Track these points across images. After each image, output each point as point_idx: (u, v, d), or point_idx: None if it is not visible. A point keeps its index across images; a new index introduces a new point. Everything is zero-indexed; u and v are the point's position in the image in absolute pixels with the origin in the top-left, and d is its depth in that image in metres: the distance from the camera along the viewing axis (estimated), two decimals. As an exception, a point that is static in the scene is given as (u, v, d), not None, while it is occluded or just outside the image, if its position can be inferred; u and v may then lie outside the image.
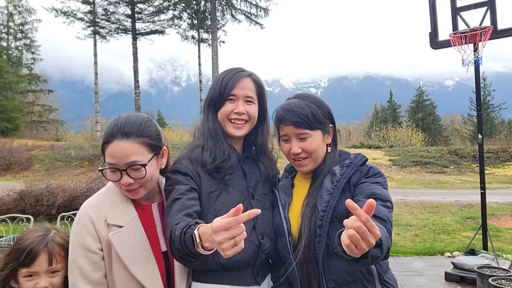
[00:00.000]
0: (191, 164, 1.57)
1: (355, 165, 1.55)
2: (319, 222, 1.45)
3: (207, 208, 1.52)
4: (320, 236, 1.44)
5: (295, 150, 1.58)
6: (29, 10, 40.79)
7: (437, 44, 5.73)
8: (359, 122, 72.65)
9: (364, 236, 1.00)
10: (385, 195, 1.44)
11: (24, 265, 1.48)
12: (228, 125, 1.63)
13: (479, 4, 5.29)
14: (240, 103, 1.63)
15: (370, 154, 22.17)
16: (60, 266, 1.53)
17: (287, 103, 1.62)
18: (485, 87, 45.34)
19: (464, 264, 4.87)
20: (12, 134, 29.37)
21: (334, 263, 1.45)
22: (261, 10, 28.70)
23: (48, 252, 1.50)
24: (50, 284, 1.50)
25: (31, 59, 41.57)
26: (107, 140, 1.46)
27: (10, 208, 8.59)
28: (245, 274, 1.55)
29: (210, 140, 1.62)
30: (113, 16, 29.48)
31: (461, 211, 9.99)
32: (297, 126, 1.56)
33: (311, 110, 1.57)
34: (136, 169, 1.45)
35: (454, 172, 20.81)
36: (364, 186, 1.47)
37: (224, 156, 1.59)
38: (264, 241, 1.57)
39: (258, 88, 1.69)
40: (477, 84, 5.51)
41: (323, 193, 1.50)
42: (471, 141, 40.20)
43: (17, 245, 1.51)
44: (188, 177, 1.54)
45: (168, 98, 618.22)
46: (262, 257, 1.56)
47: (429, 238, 7.33)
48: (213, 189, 1.55)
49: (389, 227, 1.34)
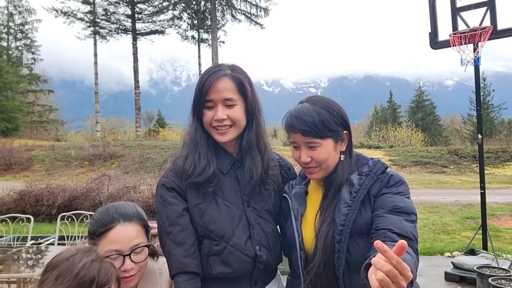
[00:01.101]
0: (176, 177, 1.51)
1: (374, 174, 1.43)
2: (338, 237, 1.35)
3: (196, 221, 1.47)
4: (339, 251, 1.34)
5: (305, 159, 1.47)
6: (29, 10, 40.78)
7: (437, 44, 5.73)
8: (359, 122, 72.43)
9: (395, 280, 0.91)
10: (409, 207, 1.34)
11: None
12: (213, 132, 1.52)
13: (479, 4, 5.29)
14: (219, 109, 1.48)
15: (370, 154, 21.98)
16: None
17: (296, 109, 1.49)
18: (485, 87, 45.29)
19: (464, 264, 4.87)
20: (12, 134, 29.35)
21: (355, 279, 1.33)
22: (261, 10, 28.71)
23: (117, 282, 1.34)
24: None
25: (31, 59, 41.56)
26: (108, 227, 1.46)
27: (10, 208, 8.60)
28: (241, 283, 1.49)
29: (192, 149, 1.53)
30: (113, 16, 29.52)
31: (461, 211, 10.00)
32: (305, 135, 1.44)
33: (320, 118, 1.44)
34: (139, 252, 1.47)
35: (454, 172, 20.80)
36: (385, 198, 1.36)
37: (202, 166, 1.48)
38: (261, 253, 1.48)
39: (239, 86, 1.51)
40: (477, 84, 5.51)
41: (340, 205, 1.39)
42: (471, 141, 40.16)
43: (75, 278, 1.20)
44: (175, 193, 1.49)
45: (168, 98, 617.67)
46: (259, 268, 1.49)
47: (429, 238, 7.34)
48: (200, 201, 1.48)
49: (415, 245, 1.25)
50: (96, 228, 1.48)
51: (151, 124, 49.05)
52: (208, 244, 1.46)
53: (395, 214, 1.30)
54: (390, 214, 1.30)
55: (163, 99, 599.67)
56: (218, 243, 1.46)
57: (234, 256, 1.45)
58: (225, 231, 1.45)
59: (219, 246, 1.45)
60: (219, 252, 1.45)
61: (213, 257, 1.46)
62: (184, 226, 1.45)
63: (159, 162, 17.86)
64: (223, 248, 1.45)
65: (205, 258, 1.46)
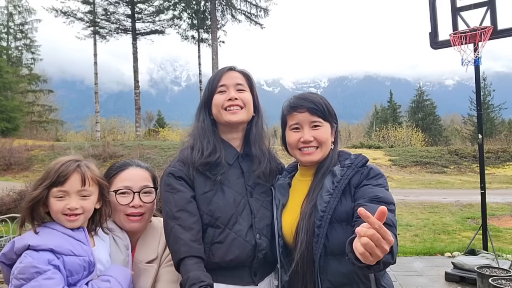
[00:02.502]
0: (183, 166, 1.57)
1: (355, 166, 1.53)
2: (318, 222, 1.44)
3: (202, 209, 1.52)
4: (318, 236, 1.43)
5: (308, 137, 1.56)
6: (29, 10, 40.76)
7: (437, 44, 5.72)
8: (359, 122, 72.58)
9: (378, 244, 1.00)
10: (388, 197, 1.43)
11: (57, 184, 1.43)
12: (224, 114, 1.62)
13: (479, 4, 5.29)
14: (232, 90, 1.63)
15: (370, 154, 22.15)
16: (92, 190, 1.50)
17: (301, 94, 1.64)
18: (485, 87, 45.29)
19: (464, 264, 4.87)
20: (12, 134, 29.33)
21: (331, 264, 1.44)
22: (261, 10, 28.70)
23: (81, 173, 1.47)
24: (80, 207, 1.45)
25: (31, 59, 41.54)
26: (122, 168, 1.69)
27: (10, 208, 8.58)
28: (241, 273, 1.54)
29: (199, 138, 1.62)
30: (113, 16, 29.51)
31: (461, 211, 9.99)
32: (313, 113, 1.56)
33: (324, 102, 1.60)
34: (148, 192, 1.67)
35: (454, 172, 20.80)
36: (366, 189, 1.46)
37: (209, 150, 1.57)
38: (261, 241, 1.54)
39: (247, 79, 1.70)
40: (477, 84, 5.50)
41: (323, 193, 1.48)
42: (471, 141, 40.17)
43: (50, 168, 1.48)
44: (182, 181, 1.54)
45: (168, 98, 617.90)
46: (259, 257, 1.54)
47: (429, 238, 7.33)
48: (207, 189, 1.55)
49: (395, 231, 1.33)
50: (112, 171, 1.71)
51: (151, 124, 49.06)
52: (212, 232, 1.52)
53: (376, 203, 1.37)
54: (371, 203, 1.38)
55: (163, 99, 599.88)
56: (222, 231, 1.51)
57: (237, 243, 1.50)
58: (230, 218, 1.52)
59: (223, 234, 1.51)
60: (223, 239, 1.51)
61: (216, 245, 1.51)
62: (193, 212, 1.50)
63: (159, 162, 17.85)
64: (226, 235, 1.51)
65: (208, 247, 1.51)
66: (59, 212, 1.43)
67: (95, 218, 1.55)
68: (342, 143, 39.42)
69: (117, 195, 1.62)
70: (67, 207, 1.43)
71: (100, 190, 1.54)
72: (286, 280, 1.53)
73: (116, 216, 1.63)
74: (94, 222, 1.55)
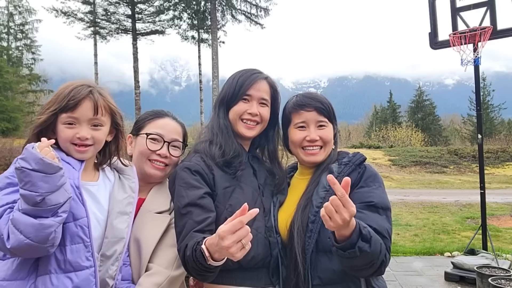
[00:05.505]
0: (202, 161, 1.54)
1: (353, 163, 1.54)
2: (312, 217, 1.44)
3: (223, 203, 1.50)
4: (311, 231, 1.43)
5: (314, 136, 1.57)
6: (29, 10, 40.74)
7: (437, 44, 5.73)
8: (358, 122, 72.60)
9: (338, 210, 1.09)
10: (384, 202, 1.43)
11: (67, 109, 1.29)
12: (240, 125, 1.62)
13: (479, 4, 5.30)
14: (254, 104, 1.62)
15: (370, 154, 22.16)
16: (104, 120, 1.37)
17: (306, 92, 1.66)
18: (484, 87, 45.29)
19: (463, 264, 4.87)
20: (12, 134, 29.30)
21: (321, 260, 1.44)
22: (261, 10, 28.67)
23: (94, 101, 1.33)
24: (91, 137, 1.33)
25: (31, 59, 41.49)
26: (159, 115, 1.69)
27: (10, 208, 8.59)
28: (260, 274, 1.51)
29: (220, 135, 1.60)
30: (113, 16, 29.46)
31: (460, 211, 10.00)
32: (320, 113, 1.58)
33: (329, 103, 1.63)
34: (176, 147, 1.67)
35: (454, 172, 20.82)
36: (362, 193, 1.46)
37: (234, 153, 1.57)
38: (273, 239, 1.56)
39: (273, 92, 1.70)
40: (476, 84, 5.51)
41: (319, 189, 1.50)
42: (471, 141, 40.17)
43: (59, 91, 1.33)
44: (198, 176, 1.50)
45: (169, 98, 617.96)
46: (273, 256, 1.54)
47: (429, 238, 7.34)
48: (228, 185, 1.53)
49: (389, 243, 1.34)
50: (147, 115, 1.70)
51: (151, 124, 49.04)
52: None
53: (373, 209, 1.40)
54: (367, 210, 1.40)
55: (163, 99, 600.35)
56: None
57: (258, 240, 1.49)
58: None
59: None
60: None
61: None
62: (206, 207, 1.45)
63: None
64: None
65: None
66: (68, 140, 1.32)
67: (106, 151, 1.45)
68: (342, 143, 39.43)
69: (147, 138, 1.62)
70: (76, 136, 1.32)
71: (113, 120, 1.42)
72: (285, 276, 1.54)
73: (139, 158, 1.62)
74: (104, 155, 1.45)
